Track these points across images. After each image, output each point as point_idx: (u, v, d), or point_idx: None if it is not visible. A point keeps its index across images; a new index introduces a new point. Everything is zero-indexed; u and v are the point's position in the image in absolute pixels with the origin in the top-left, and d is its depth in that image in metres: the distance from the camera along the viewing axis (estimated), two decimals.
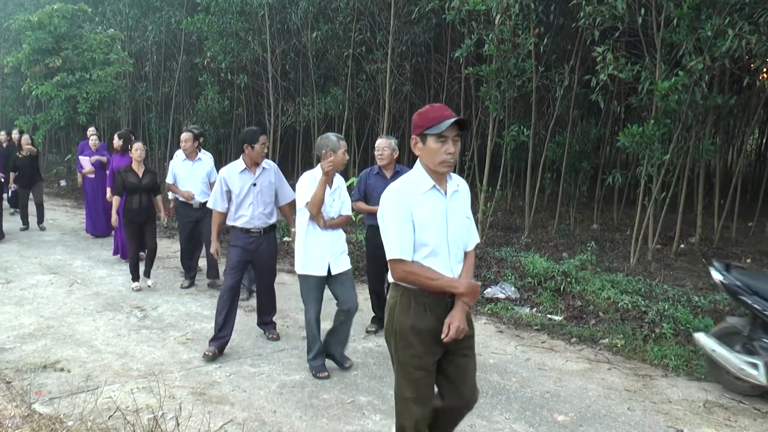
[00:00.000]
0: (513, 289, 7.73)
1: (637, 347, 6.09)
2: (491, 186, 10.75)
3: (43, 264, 9.07)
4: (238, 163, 5.87)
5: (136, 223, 7.86)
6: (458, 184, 3.36)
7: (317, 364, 5.34)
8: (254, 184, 5.83)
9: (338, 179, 5.45)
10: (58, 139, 23.06)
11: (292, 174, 18.02)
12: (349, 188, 9.85)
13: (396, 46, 12.53)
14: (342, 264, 5.34)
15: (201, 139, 8.30)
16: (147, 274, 8.06)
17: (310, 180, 5.25)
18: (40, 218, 11.75)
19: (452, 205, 3.27)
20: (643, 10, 8.36)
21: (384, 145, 6.18)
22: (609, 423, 4.60)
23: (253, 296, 7.54)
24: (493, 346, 6.16)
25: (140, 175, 7.85)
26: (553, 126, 11.36)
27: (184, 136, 8.14)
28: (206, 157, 8.30)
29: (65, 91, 15.38)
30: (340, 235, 5.39)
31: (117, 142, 9.49)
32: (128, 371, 5.27)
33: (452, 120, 3.08)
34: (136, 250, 7.96)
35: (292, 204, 5.94)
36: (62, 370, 5.24)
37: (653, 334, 6.33)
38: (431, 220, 3.18)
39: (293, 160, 17.92)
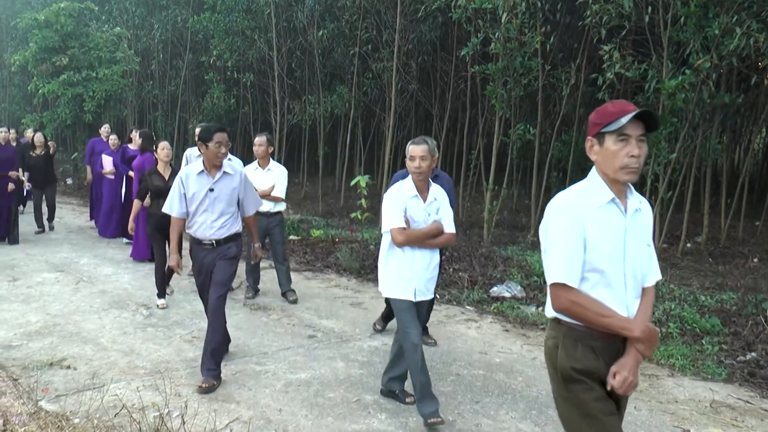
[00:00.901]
0: (519, 288, 7.72)
1: None
2: (497, 185, 10.73)
3: (49, 262, 9.10)
4: (199, 164, 5.15)
5: (163, 231, 6.79)
6: (640, 202, 2.80)
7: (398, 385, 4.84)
8: (211, 190, 5.06)
9: (435, 189, 4.54)
10: (65, 138, 23.15)
11: (297, 172, 18.06)
12: (355, 186, 9.92)
13: (402, 44, 12.53)
14: (428, 291, 4.52)
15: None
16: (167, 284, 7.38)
17: (397, 197, 4.40)
18: (51, 217, 11.68)
19: (632, 227, 2.70)
20: (650, 9, 8.34)
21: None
22: None
23: (259, 294, 7.56)
24: (499, 345, 6.15)
25: (167, 178, 7.09)
26: (559, 125, 11.34)
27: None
28: (235, 160, 7.72)
29: (72, 89, 15.44)
30: (433, 257, 4.50)
31: (137, 140, 9.32)
32: (134, 369, 5.28)
33: (634, 113, 2.55)
34: (164, 262, 6.99)
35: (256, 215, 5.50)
36: (68, 367, 5.25)
37: (659, 334, 6.30)
38: (606, 242, 2.63)
39: (299, 159, 17.95)
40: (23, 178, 11.32)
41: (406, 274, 4.38)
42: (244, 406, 4.62)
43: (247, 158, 9.42)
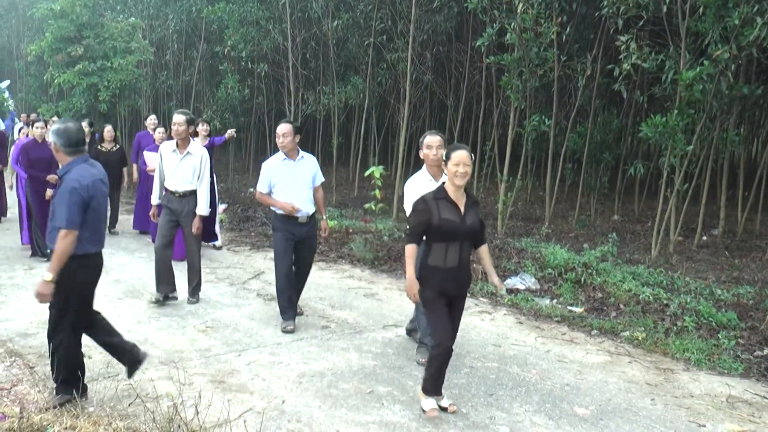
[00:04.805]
0: (533, 280, 7.68)
1: (659, 340, 6.03)
2: (511, 176, 10.68)
3: None
4: None
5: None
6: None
7: None
8: None
9: None
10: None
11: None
12: (369, 177, 9.89)
13: (417, 34, 12.46)
14: None
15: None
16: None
17: None
18: (114, 222, 10.65)
19: None
20: None
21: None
22: (630, 417, 4.55)
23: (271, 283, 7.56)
24: (513, 337, 6.13)
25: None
26: (574, 116, 11.26)
27: (283, 128, 6.13)
28: (309, 157, 6.50)
29: (87, 79, 15.49)
30: None
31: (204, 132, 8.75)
32: (148, 358, 5.29)
33: None
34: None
35: None
36: (83, 356, 5.28)
37: (675, 327, 6.26)
38: None
39: (313, 149, 17.92)
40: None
41: None
42: (257, 397, 4.63)
43: (261, 151, 9.35)
